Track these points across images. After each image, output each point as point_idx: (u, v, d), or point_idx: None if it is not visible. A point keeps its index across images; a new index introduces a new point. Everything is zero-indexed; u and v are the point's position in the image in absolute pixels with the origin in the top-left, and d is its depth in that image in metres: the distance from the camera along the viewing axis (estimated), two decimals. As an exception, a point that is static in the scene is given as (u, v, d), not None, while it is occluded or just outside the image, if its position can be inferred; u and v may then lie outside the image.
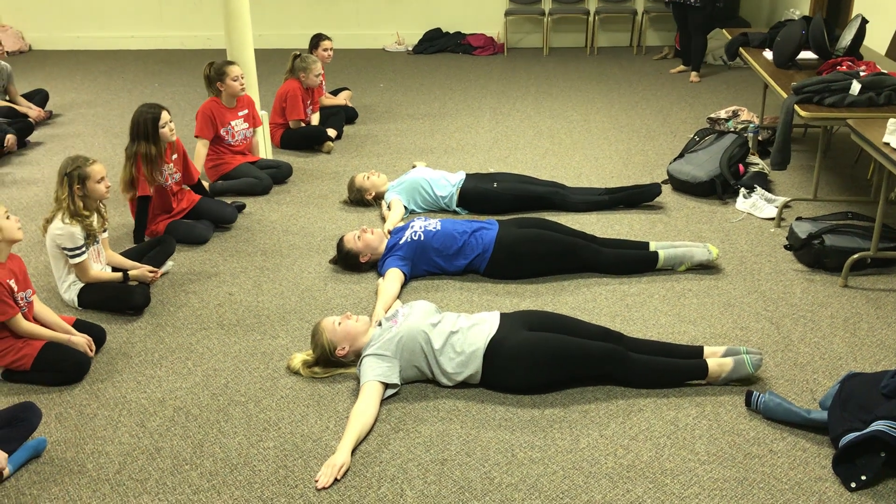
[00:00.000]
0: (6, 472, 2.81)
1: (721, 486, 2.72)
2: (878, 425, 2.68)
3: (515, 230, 4.17)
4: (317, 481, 2.77)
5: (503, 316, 3.34)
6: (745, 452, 2.88)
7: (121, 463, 2.90)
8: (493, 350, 3.17)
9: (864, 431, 2.69)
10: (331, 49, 6.79)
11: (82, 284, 3.92)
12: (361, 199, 5.14)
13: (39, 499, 2.74)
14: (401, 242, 4.14)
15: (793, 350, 3.50)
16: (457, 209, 4.93)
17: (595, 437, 2.97)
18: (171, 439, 3.02)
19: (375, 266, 4.25)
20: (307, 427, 3.07)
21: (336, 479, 2.77)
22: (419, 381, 3.29)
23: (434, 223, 4.22)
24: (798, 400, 3.15)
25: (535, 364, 3.17)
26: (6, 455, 2.81)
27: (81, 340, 3.44)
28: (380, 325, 3.37)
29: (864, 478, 2.68)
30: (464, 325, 3.27)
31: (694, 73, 8.17)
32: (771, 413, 3.02)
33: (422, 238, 4.13)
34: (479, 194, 4.88)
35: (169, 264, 4.36)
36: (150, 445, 2.99)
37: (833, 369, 3.35)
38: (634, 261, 4.17)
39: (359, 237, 4.22)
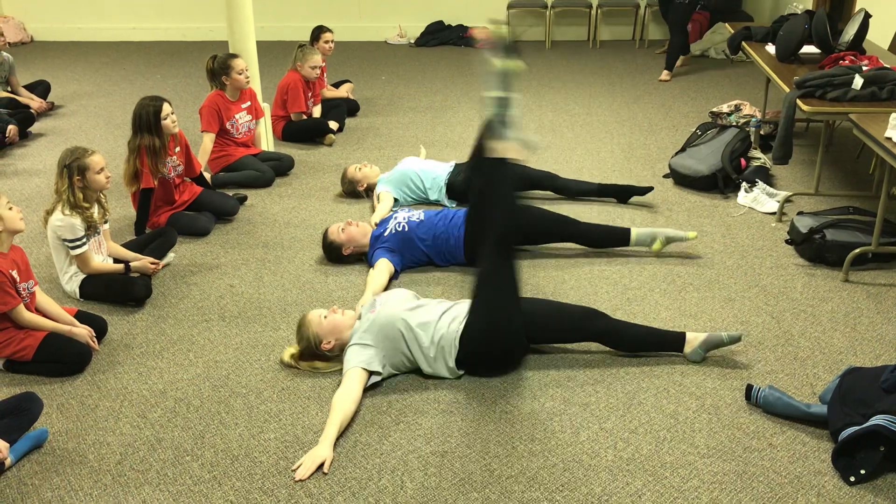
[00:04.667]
0: (8, 461, 2.82)
1: (720, 480, 2.73)
2: (877, 420, 2.68)
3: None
4: (294, 471, 2.78)
5: None
6: (745, 446, 2.89)
7: (122, 454, 2.91)
8: (469, 330, 3.20)
9: (864, 426, 2.70)
10: (332, 41, 6.78)
11: (84, 276, 3.93)
12: (354, 191, 5.15)
13: (41, 489, 2.75)
14: (386, 234, 4.15)
15: (793, 344, 3.50)
16: (444, 203, 4.93)
17: (595, 431, 2.98)
18: (172, 430, 3.03)
19: (361, 258, 4.27)
20: (308, 419, 3.08)
21: (324, 473, 2.78)
22: (409, 372, 3.30)
23: (417, 214, 4.24)
24: (798, 394, 3.15)
25: (512, 330, 3.21)
26: (8, 445, 2.82)
27: (83, 332, 3.45)
28: (360, 317, 3.38)
29: (863, 472, 2.69)
30: (443, 310, 3.28)
31: (666, 72, 7.92)
32: (770, 407, 3.03)
33: (406, 229, 4.14)
34: (467, 186, 4.88)
35: (170, 256, 4.37)
36: (152, 436, 3.00)
37: (833, 364, 3.35)
38: (606, 233, 4.27)
39: (343, 229, 4.23)
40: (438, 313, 3.27)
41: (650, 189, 4.99)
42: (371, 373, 3.18)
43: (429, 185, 4.94)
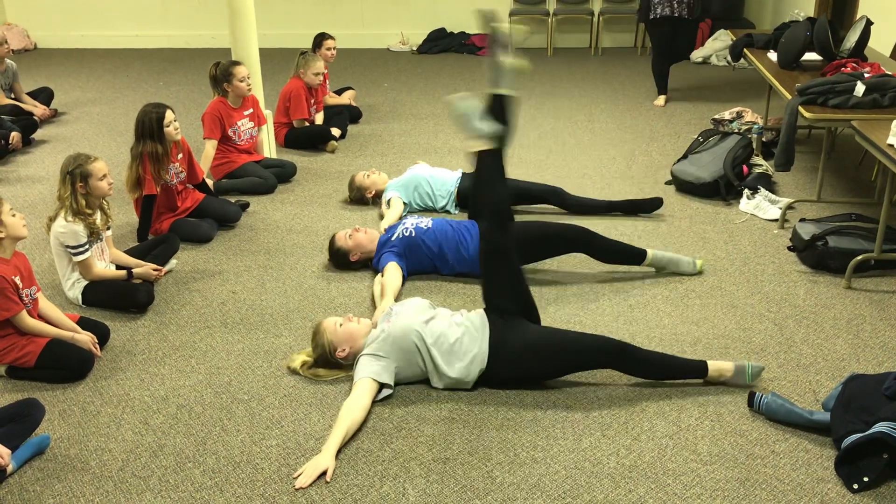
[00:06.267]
0: (10, 468, 2.81)
1: (723, 487, 2.73)
2: (880, 427, 2.68)
3: None
4: (296, 478, 2.77)
5: (486, 313, 3.31)
6: (748, 453, 2.88)
7: (124, 460, 2.91)
8: (496, 353, 3.18)
9: (867, 433, 2.69)
10: (334, 48, 6.79)
11: (86, 282, 3.93)
12: (361, 198, 5.16)
13: (43, 495, 2.75)
14: (393, 239, 4.15)
15: (795, 351, 3.50)
16: (450, 210, 4.93)
17: (597, 438, 2.98)
18: (174, 437, 3.03)
19: (367, 264, 4.26)
20: (310, 425, 3.07)
21: (327, 482, 2.77)
22: (420, 382, 3.29)
23: (426, 221, 4.23)
24: (801, 401, 3.15)
25: (538, 358, 3.19)
26: (10, 451, 2.82)
27: (85, 338, 3.45)
28: (375, 326, 3.37)
29: (866, 479, 2.68)
30: (459, 326, 3.23)
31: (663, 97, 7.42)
32: (773, 414, 3.02)
33: (413, 234, 4.14)
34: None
35: (173, 262, 4.37)
36: (153, 443, 3.00)
37: (836, 371, 3.35)
38: (623, 251, 4.14)
39: (350, 235, 4.24)
40: (459, 330, 3.22)
41: (659, 205, 4.94)
42: (381, 385, 3.17)
43: (438, 192, 4.94)
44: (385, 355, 3.19)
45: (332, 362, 3.34)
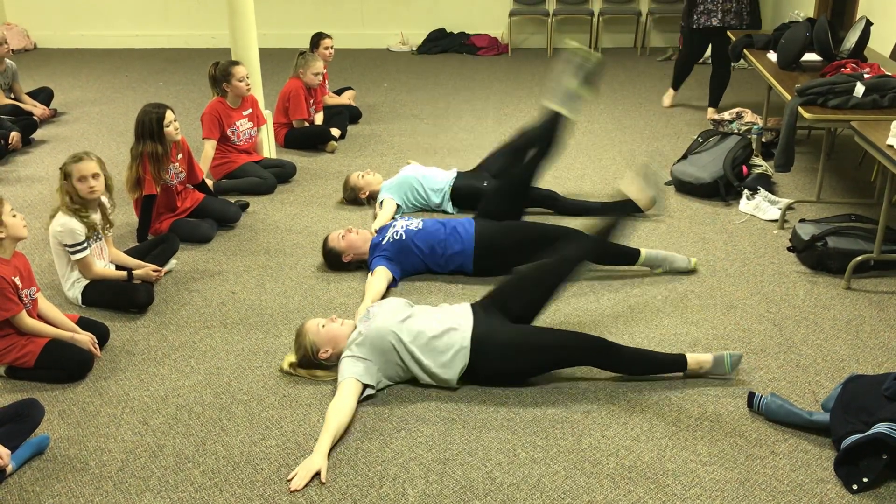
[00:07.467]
0: (9, 468, 2.81)
1: (722, 488, 2.73)
2: (880, 427, 2.68)
3: (494, 224, 4.20)
4: (289, 481, 2.77)
5: (474, 307, 3.34)
6: (747, 454, 2.88)
7: (123, 460, 2.91)
8: (478, 348, 3.19)
9: (866, 433, 2.70)
10: (332, 47, 6.79)
11: (86, 282, 3.93)
12: (356, 198, 5.17)
13: (42, 495, 2.75)
14: (384, 243, 4.15)
15: (795, 352, 3.50)
16: (447, 209, 4.93)
17: (597, 438, 2.98)
18: (173, 437, 3.03)
19: (361, 265, 4.27)
20: (309, 426, 3.07)
21: (322, 483, 2.77)
22: (404, 382, 3.29)
23: (416, 222, 4.23)
24: (800, 402, 3.15)
25: (520, 355, 3.21)
26: (9, 452, 2.82)
27: (85, 338, 3.45)
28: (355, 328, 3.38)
29: (865, 480, 2.68)
30: (439, 322, 3.24)
31: (712, 109, 6.86)
32: (773, 414, 3.02)
33: (403, 237, 4.13)
34: (470, 192, 4.87)
35: (172, 263, 4.37)
36: (153, 443, 3.00)
37: (835, 371, 3.35)
38: (616, 251, 4.13)
39: (343, 236, 4.24)
40: (439, 326, 3.23)
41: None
42: (365, 385, 3.17)
43: (431, 191, 4.95)
44: (365, 357, 3.20)
45: (314, 363, 3.34)
